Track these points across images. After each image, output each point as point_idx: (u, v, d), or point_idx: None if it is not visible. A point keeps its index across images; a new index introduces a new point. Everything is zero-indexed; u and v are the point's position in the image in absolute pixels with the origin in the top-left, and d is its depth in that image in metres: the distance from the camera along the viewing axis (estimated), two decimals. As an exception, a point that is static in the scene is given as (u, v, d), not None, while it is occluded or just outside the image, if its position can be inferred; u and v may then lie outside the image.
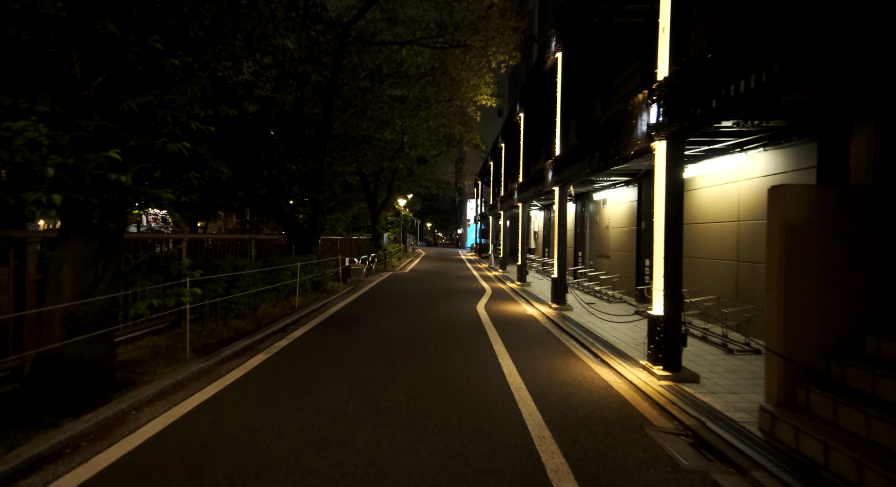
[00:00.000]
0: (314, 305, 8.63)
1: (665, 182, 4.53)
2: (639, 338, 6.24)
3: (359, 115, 11.65)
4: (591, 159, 6.60)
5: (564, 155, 8.44)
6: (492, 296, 10.90)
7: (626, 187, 10.09)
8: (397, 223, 26.22)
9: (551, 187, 9.39)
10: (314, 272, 9.47)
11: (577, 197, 13.51)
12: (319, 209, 10.13)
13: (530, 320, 7.90)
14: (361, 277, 13.51)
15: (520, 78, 27.39)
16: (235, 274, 6.20)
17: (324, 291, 10.36)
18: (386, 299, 9.89)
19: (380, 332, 6.54)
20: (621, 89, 10.77)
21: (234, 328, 6.24)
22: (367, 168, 14.53)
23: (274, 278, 7.68)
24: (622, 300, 9.65)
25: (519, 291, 11.85)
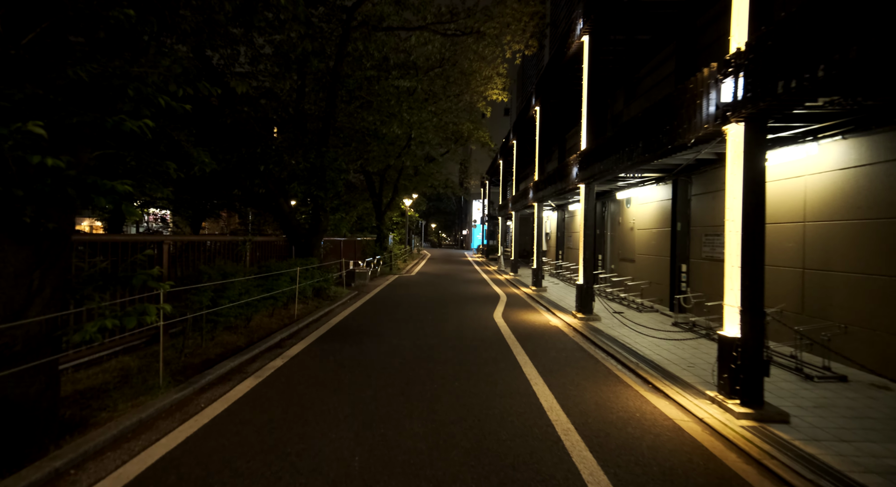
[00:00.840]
0: (315, 314, 7.83)
1: (742, 174, 3.68)
2: (688, 357, 5.38)
3: (364, 107, 10.85)
4: (632, 151, 5.75)
5: (593, 149, 7.59)
6: (507, 303, 10.06)
7: (657, 185, 9.22)
8: (403, 224, 25.44)
9: (576, 185, 8.55)
10: (315, 277, 8.67)
11: (596, 196, 12.63)
12: (321, 208, 9.33)
13: (556, 332, 7.06)
14: (366, 281, 12.72)
15: (529, 74, 26.59)
16: (224, 282, 5.40)
17: (326, 297, 9.56)
18: (394, 307, 9.07)
19: (389, 348, 5.72)
20: (649, 79, 9.92)
21: (222, 344, 5.44)
22: (373, 166, 13.77)
23: (270, 285, 6.89)
24: (653, 309, 8.78)
25: (535, 297, 11.01)
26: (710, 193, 7.56)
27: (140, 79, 3.14)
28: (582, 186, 8.26)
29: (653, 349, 5.86)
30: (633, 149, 5.69)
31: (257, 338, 5.96)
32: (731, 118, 3.68)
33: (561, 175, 9.61)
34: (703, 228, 7.78)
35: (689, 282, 7.99)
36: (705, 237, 7.67)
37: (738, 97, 3.61)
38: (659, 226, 9.36)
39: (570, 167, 8.88)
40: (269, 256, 9.03)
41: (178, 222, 25.56)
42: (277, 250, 9.30)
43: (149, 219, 27.05)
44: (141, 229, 24.28)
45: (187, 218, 20.25)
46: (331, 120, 9.29)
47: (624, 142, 6.08)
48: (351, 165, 13.45)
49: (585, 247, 8.17)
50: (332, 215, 9.98)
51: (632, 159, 5.76)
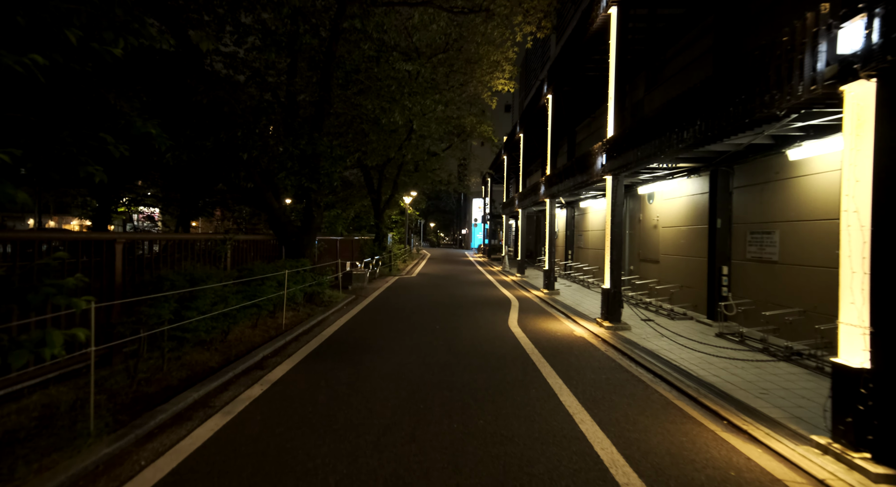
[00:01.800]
0: (307, 323, 6.85)
1: (874, 149, 2.74)
2: (754, 380, 4.44)
3: (363, 94, 9.87)
4: (684, 132, 4.80)
5: (624, 134, 6.64)
6: (521, 308, 9.11)
7: (688, 178, 8.28)
8: (402, 223, 24.45)
9: (601, 177, 7.60)
10: (307, 281, 7.69)
11: (612, 192, 11.70)
12: (314, 204, 8.35)
13: (584, 345, 6.11)
14: (364, 283, 11.75)
15: (534, 68, 25.62)
16: (193, 290, 4.42)
17: (320, 303, 8.57)
18: (396, 314, 8.10)
19: (392, 369, 4.76)
20: (677, 61, 8.98)
21: (189, 366, 4.46)
22: (371, 159, 12.79)
23: (254, 291, 5.90)
24: (686, 316, 7.84)
25: (549, 301, 10.06)
26: (758, 185, 6.63)
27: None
28: (608, 178, 7.31)
29: (706, 368, 4.91)
30: (686, 129, 4.73)
31: (235, 355, 4.98)
32: (861, 73, 2.73)
33: (582, 167, 8.66)
34: (747, 225, 6.85)
35: (730, 286, 7.06)
36: (751, 236, 6.74)
37: (873, 44, 2.66)
38: (690, 223, 8.42)
39: (593, 157, 7.93)
40: (258, 257, 8.05)
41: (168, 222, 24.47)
42: (267, 250, 8.30)
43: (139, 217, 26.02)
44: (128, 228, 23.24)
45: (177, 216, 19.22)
46: (325, 105, 8.31)
47: (672, 122, 5.13)
48: (349, 159, 12.47)
49: (612, 246, 7.22)
50: (327, 211, 8.99)
51: (684, 142, 4.80)
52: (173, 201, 18.46)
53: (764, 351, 5.47)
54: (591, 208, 14.38)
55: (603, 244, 13.44)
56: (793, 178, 5.89)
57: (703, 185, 7.98)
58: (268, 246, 8.32)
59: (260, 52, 7.28)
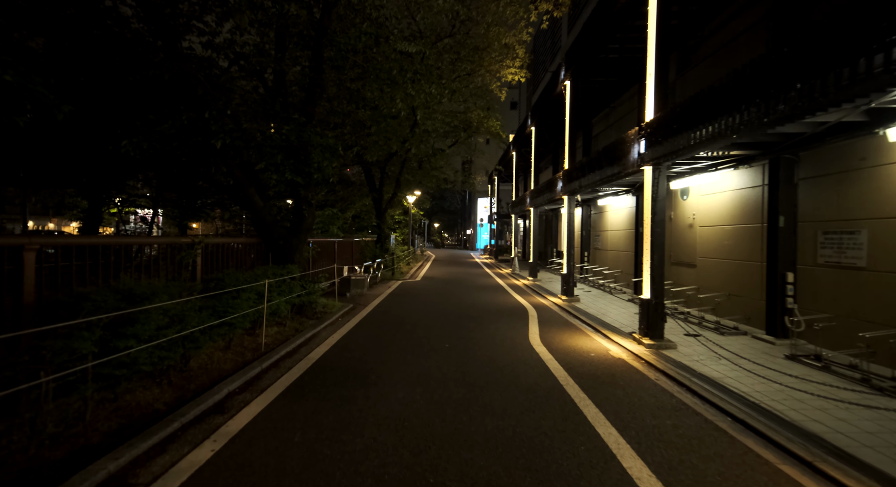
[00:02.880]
0: (293, 341, 5.78)
1: None
2: (879, 431, 3.31)
3: (362, 79, 8.80)
4: (774, 102, 3.67)
5: (670, 116, 5.53)
6: (540, 319, 8.00)
7: (736, 170, 7.15)
8: (405, 223, 23.38)
9: (638, 168, 6.48)
10: (295, 290, 6.62)
11: (637, 188, 10.58)
12: (305, 201, 7.29)
13: (627, 371, 4.99)
14: (364, 290, 10.68)
15: (542, 60, 24.48)
16: (130, 312, 3.36)
17: (312, 314, 7.50)
18: (398, 329, 7.02)
19: (393, 410, 3.67)
20: (717, 37, 7.84)
21: (127, 410, 3.40)
22: (371, 154, 11.75)
23: (225, 306, 4.85)
24: (737, 330, 6.70)
25: (570, 310, 8.94)
26: (834, 175, 5.50)
27: None
28: (647, 168, 6.19)
29: (797, 407, 3.79)
30: (777, 98, 3.60)
31: (193, 391, 3.92)
32: None
33: (611, 157, 7.53)
34: (818, 223, 5.71)
35: (796, 296, 5.92)
36: (824, 237, 5.60)
37: None
38: (737, 221, 7.29)
39: (627, 145, 6.81)
40: (240, 263, 7.00)
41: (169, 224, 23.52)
42: (250, 255, 7.25)
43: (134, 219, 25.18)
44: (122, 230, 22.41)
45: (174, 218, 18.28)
46: (316, 88, 7.25)
47: (743, 96, 4.01)
48: (348, 153, 11.42)
49: (653, 249, 6.11)
50: (321, 210, 7.93)
51: (772, 115, 3.66)
52: (168, 202, 17.52)
53: (863, 382, 4.33)
54: (609, 207, 13.24)
55: (626, 246, 12.33)
56: (891, 164, 4.75)
57: (755, 177, 6.85)
58: (251, 250, 7.27)
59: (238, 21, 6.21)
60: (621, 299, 10.30)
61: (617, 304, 9.71)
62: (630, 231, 11.60)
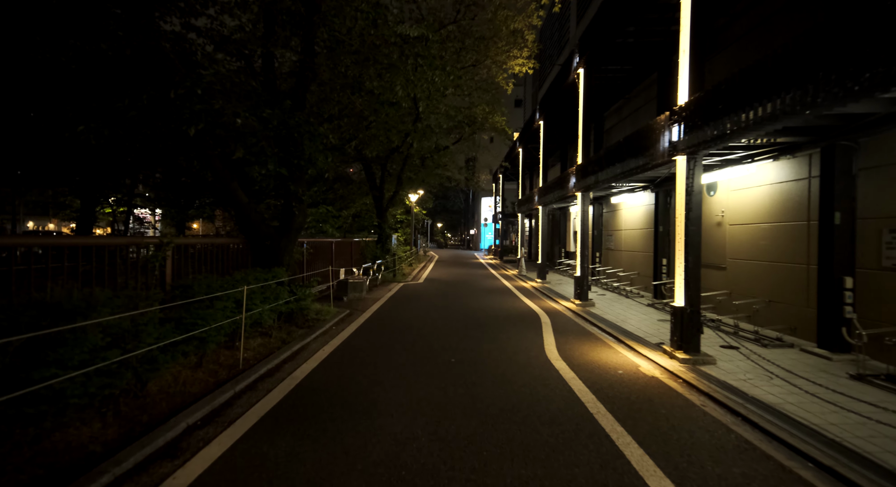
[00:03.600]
0: (277, 356, 5.06)
1: None
2: None
3: (359, 65, 8.08)
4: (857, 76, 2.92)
5: (707, 98, 4.77)
6: (555, 326, 7.25)
7: (776, 161, 6.38)
8: (408, 223, 22.65)
9: (668, 158, 5.71)
10: (282, 297, 5.91)
11: (656, 184, 9.81)
12: (294, 198, 6.58)
13: (666, 394, 4.24)
14: (362, 293, 9.96)
15: (550, 54, 23.69)
16: (52, 332, 2.65)
17: (303, 322, 6.79)
18: (397, 339, 6.29)
19: (389, 451, 2.95)
20: (749, 17, 7.07)
21: (52, 454, 2.69)
22: (371, 148, 11.03)
23: (194, 317, 4.15)
24: (782, 342, 5.92)
25: (586, 316, 8.18)
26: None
27: None
28: (680, 158, 5.43)
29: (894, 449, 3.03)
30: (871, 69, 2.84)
31: (146, 424, 3.21)
32: None
33: (636, 148, 6.76)
34: (883, 220, 4.94)
35: (855, 304, 5.14)
36: (891, 235, 4.83)
37: None
38: (776, 219, 6.52)
39: (655, 134, 6.04)
40: (222, 267, 6.31)
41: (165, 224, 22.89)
42: (232, 257, 6.54)
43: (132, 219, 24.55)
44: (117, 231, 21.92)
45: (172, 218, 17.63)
46: (307, 72, 6.54)
47: (820, 64, 3.25)
48: (347, 147, 10.71)
49: (689, 250, 5.34)
50: (313, 208, 7.23)
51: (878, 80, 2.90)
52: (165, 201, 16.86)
53: (962, 414, 3.56)
54: (624, 204, 12.46)
55: (642, 246, 11.53)
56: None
57: (799, 168, 6.08)
58: (234, 252, 6.56)
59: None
60: (640, 304, 9.53)
61: (636, 309, 8.94)
62: (647, 230, 10.82)
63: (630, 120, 12.34)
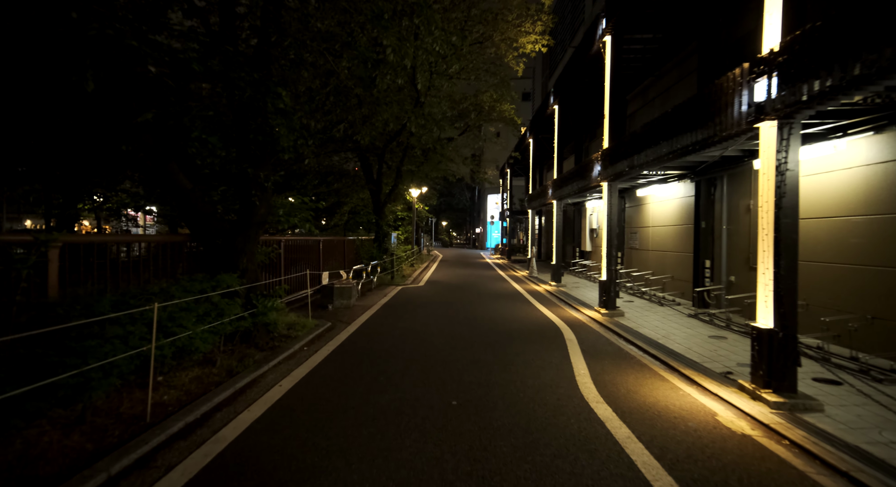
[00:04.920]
0: (211, 399, 3.64)
1: None
2: None
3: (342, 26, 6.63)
4: None
5: (820, 31, 3.28)
6: (583, 346, 5.78)
7: (877, 135, 4.86)
8: (409, 220, 21.23)
9: (746, 127, 4.21)
10: (230, 312, 4.49)
11: (698, 171, 8.29)
12: (255, 183, 5.17)
13: (777, 472, 2.77)
14: (351, 300, 8.54)
15: (561, 38, 22.11)
16: None
17: (266, 341, 5.37)
18: (382, 368, 4.86)
19: None
20: None
21: None
22: (363, 134, 9.60)
23: (64, 354, 2.74)
24: (858, 362, 4.40)
25: (617, 329, 6.70)
26: None
27: None
28: (768, 125, 3.94)
29: None
30: None
31: None
32: None
33: (693, 120, 5.23)
34: None
35: None
36: None
37: None
38: (882, 210, 5.01)
39: (726, 96, 4.53)
40: (168, 273, 4.92)
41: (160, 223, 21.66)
42: (168, 261, 5.13)
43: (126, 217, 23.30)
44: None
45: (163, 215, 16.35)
46: (269, 23, 5.11)
47: None
48: (334, 131, 9.29)
49: (781, 252, 3.86)
50: (278, 194, 5.85)
51: None
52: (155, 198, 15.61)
53: None
54: (652, 197, 10.93)
55: (676, 245, 9.93)
56: None
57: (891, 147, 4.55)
58: (170, 254, 5.14)
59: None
60: (678, 314, 8.02)
61: (676, 321, 7.44)
62: (684, 227, 9.30)
63: (659, 101, 10.82)
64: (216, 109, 4.06)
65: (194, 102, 4.18)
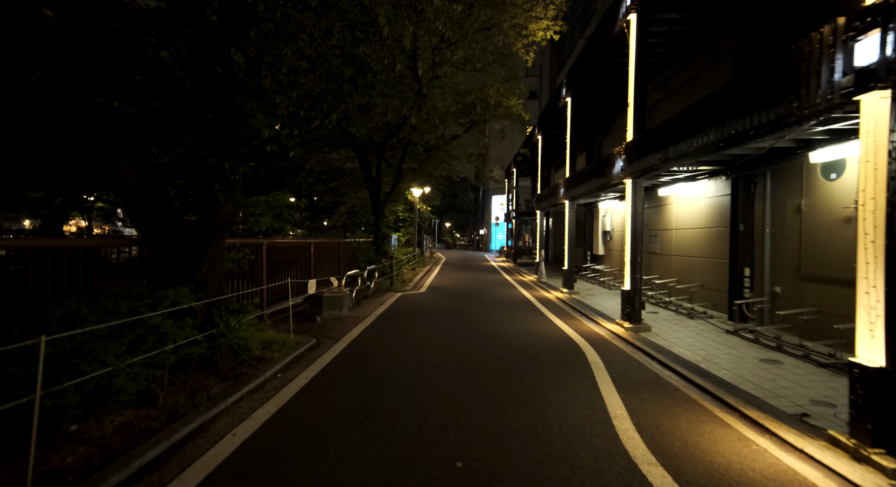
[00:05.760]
0: (130, 462, 2.73)
1: None
2: None
3: None
4: None
5: None
6: (612, 372, 4.81)
7: None
8: (411, 221, 20.31)
9: (843, 100, 3.24)
10: (176, 337, 3.56)
11: (736, 167, 7.31)
12: (218, 175, 4.26)
13: None
14: (343, 310, 7.61)
15: (571, 31, 21.12)
16: None
17: (230, 368, 4.45)
18: (370, 405, 3.92)
19: None
20: None
21: None
22: (358, 125, 8.72)
23: None
24: None
25: (647, 349, 5.72)
26: None
27: None
28: (878, 97, 2.98)
29: None
30: None
31: None
32: None
33: (757, 100, 4.25)
34: None
35: None
36: None
37: None
38: None
39: (813, 61, 3.56)
40: (104, 286, 4.02)
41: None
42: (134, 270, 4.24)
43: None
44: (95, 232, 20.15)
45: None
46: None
47: None
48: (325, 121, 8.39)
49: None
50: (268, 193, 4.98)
51: None
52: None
53: None
54: (676, 197, 9.94)
55: (706, 250, 8.79)
56: None
57: None
58: (127, 263, 4.24)
59: None
60: (714, 328, 7.03)
61: (713, 338, 6.45)
62: (716, 230, 8.31)
63: (684, 92, 9.85)
64: (149, 73, 3.16)
65: (116, 59, 3.28)
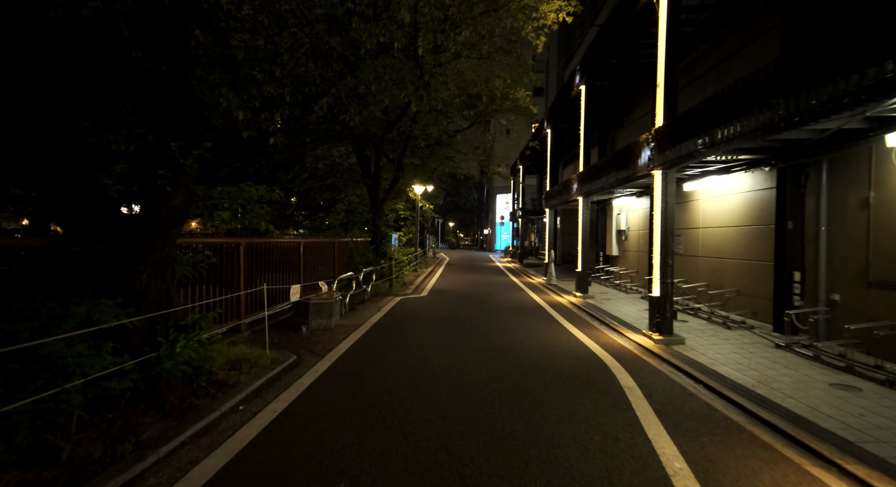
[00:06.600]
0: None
1: None
2: None
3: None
4: None
5: None
6: (653, 402, 3.89)
7: None
8: (413, 220, 19.41)
9: None
10: (82, 369, 2.67)
11: (782, 157, 6.35)
12: (165, 159, 3.38)
13: None
14: (332, 319, 6.72)
15: (580, 22, 20.19)
16: None
17: (179, 400, 3.57)
18: (353, 455, 3.03)
19: None
20: None
21: None
22: (353, 113, 7.80)
23: None
24: None
25: (686, 368, 4.79)
26: None
27: None
28: None
29: None
30: None
31: None
32: None
33: (854, 59, 3.31)
34: None
35: None
36: None
37: None
38: None
39: None
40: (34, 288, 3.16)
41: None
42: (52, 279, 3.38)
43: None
44: None
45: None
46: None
47: None
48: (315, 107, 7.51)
49: None
50: (211, 189, 4.11)
51: None
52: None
53: None
54: (705, 192, 8.97)
55: (738, 251, 7.65)
56: None
57: None
58: (33, 268, 3.36)
59: None
60: (759, 342, 6.06)
61: (761, 355, 5.48)
62: (755, 229, 7.35)
63: (713, 76, 8.91)
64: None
65: None
